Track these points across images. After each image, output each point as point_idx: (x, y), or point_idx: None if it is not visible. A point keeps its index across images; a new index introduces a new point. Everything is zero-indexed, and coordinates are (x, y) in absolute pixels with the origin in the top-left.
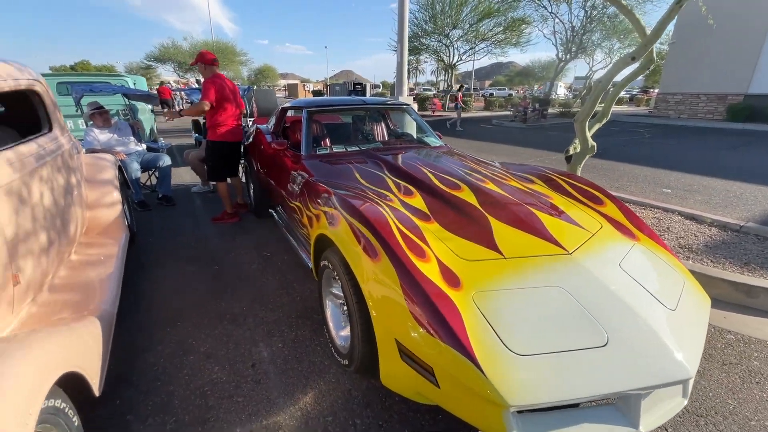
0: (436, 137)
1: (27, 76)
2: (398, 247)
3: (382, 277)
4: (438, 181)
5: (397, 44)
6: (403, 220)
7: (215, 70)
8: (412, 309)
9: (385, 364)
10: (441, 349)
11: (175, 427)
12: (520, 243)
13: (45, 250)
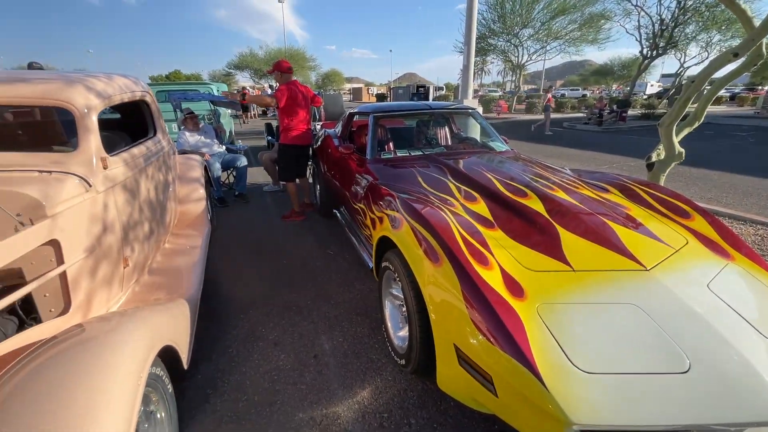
0: (502, 141)
1: (140, 88)
2: (460, 253)
3: (443, 281)
4: (503, 187)
5: (463, 46)
6: (466, 225)
7: (290, 78)
8: (472, 315)
9: (442, 368)
10: (500, 358)
11: (247, 405)
12: (590, 255)
13: (147, 238)
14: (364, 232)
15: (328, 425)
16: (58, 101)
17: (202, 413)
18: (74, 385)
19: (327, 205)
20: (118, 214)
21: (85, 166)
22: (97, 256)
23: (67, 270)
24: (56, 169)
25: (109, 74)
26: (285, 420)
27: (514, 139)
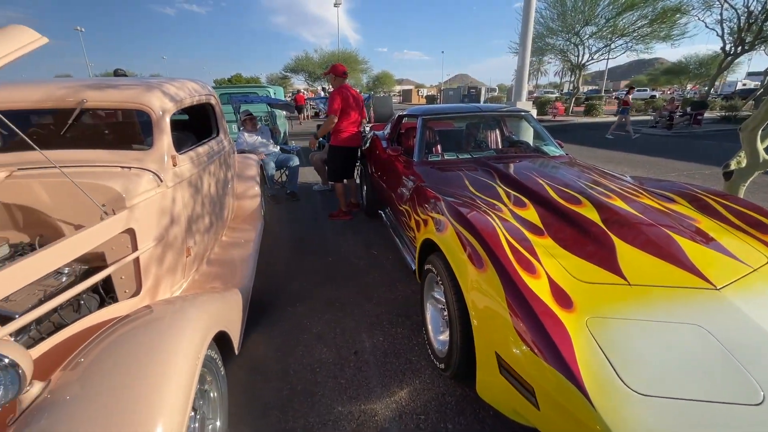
0: (556, 146)
1: (206, 92)
2: (506, 259)
3: (487, 287)
4: (555, 194)
5: (518, 46)
6: (513, 232)
7: (343, 82)
8: (516, 324)
9: (482, 375)
10: (544, 371)
11: (290, 394)
12: (650, 270)
13: (208, 231)
14: (408, 234)
15: (365, 421)
16: (139, 104)
17: (249, 398)
18: (145, 358)
19: (373, 206)
20: (183, 208)
21: (158, 163)
22: (165, 244)
23: (140, 256)
24: (135, 165)
25: (181, 80)
26: (325, 412)
27: (571, 143)
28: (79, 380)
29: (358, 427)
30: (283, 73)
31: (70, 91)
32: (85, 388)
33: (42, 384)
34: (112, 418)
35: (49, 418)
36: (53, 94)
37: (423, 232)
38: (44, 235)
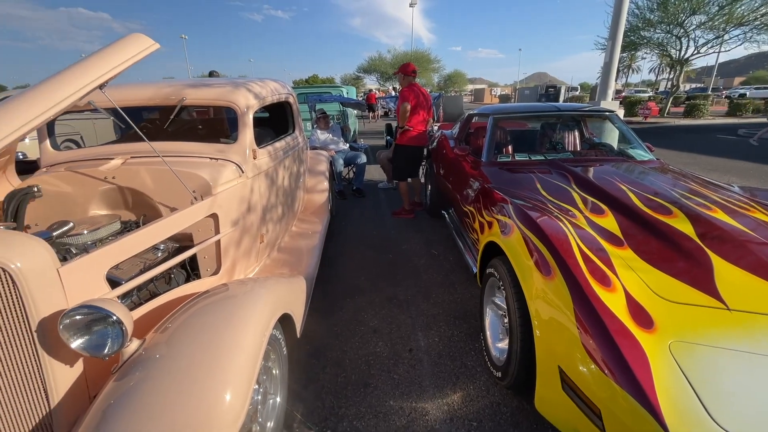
0: (645, 149)
1: (286, 91)
2: (577, 269)
3: (553, 297)
4: (640, 201)
5: (607, 41)
6: (588, 240)
7: (412, 81)
8: (585, 340)
9: (542, 389)
10: (615, 393)
11: (344, 381)
12: (757, 295)
13: (280, 220)
14: (471, 236)
15: (416, 419)
16: (227, 102)
17: (306, 380)
18: (220, 330)
19: (436, 206)
20: (260, 198)
21: (241, 155)
22: (242, 230)
23: (221, 239)
24: (220, 156)
25: (264, 80)
26: (376, 403)
27: (665, 149)
28: (167, 343)
29: (408, 424)
30: (356, 73)
31: (173, 91)
32: (171, 350)
33: (139, 342)
34: (192, 378)
35: (143, 371)
36: (160, 93)
37: (487, 234)
38: (147, 215)
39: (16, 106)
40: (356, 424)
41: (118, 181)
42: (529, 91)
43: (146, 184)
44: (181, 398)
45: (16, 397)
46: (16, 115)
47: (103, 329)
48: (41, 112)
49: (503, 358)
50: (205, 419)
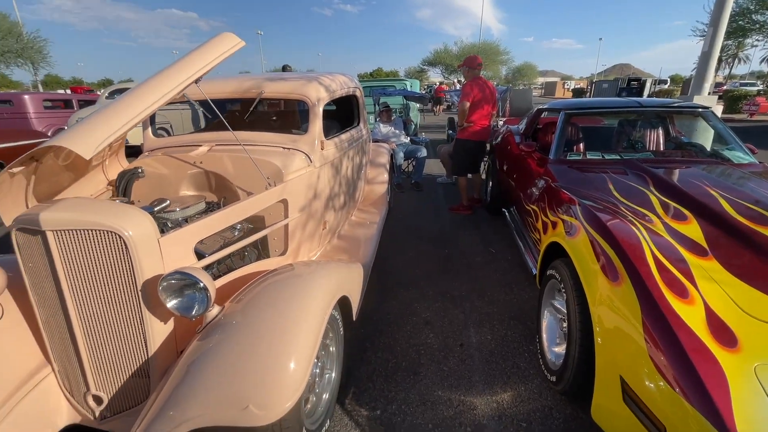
0: (746, 151)
1: (353, 85)
2: (649, 277)
3: (619, 305)
4: (731, 208)
5: (707, 27)
6: (665, 248)
7: (477, 74)
8: (654, 356)
9: (600, 399)
10: (686, 413)
11: (395, 367)
12: None
13: (341, 208)
14: (533, 236)
15: (464, 411)
16: (299, 95)
17: (359, 361)
18: (287, 305)
19: (496, 203)
20: (325, 186)
21: (310, 145)
22: (308, 216)
23: (289, 223)
24: (292, 146)
25: (334, 74)
26: (425, 392)
27: None
28: (243, 312)
29: (455, 415)
30: (420, 66)
31: (253, 84)
32: (246, 318)
33: (219, 308)
34: (264, 345)
35: (222, 334)
36: (241, 86)
37: (550, 234)
38: (226, 197)
39: (133, 99)
40: (404, 408)
41: (205, 166)
42: (607, 84)
43: (228, 169)
44: (253, 361)
45: (124, 344)
46: (134, 106)
47: (192, 294)
48: (151, 103)
49: (559, 363)
50: (272, 383)
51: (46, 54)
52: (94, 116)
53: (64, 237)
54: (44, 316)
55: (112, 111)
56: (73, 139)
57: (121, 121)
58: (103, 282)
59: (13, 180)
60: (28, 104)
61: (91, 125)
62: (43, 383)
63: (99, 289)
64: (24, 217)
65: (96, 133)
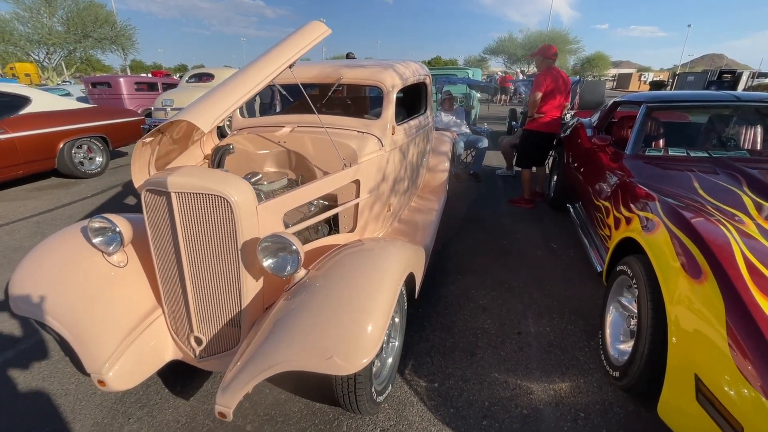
0: None
1: (424, 72)
2: (738, 280)
3: (700, 305)
4: None
5: None
6: (758, 250)
7: (551, 64)
8: (740, 363)
9: (669, 396)
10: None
11: (452, 346)
12: None
13: (404, 193)
14: (601, 232)
15: (520, 395)
16: (375, 81)
17: (418, 338)
18: (367, 272)
19: (561, 198)
20: (392, 170)
21: (382, 130)
22: (376, 197)
23: (359, 202)
24: (365, 130)
25: (407, 61)
26: (482, 372)
27: None
28: (324, 276)
29: (511, 397)
30: (482, 55)
31: (333, 70)
32: (328, 282)
33: (305, 271)
34: (346, 307)
35: (308, 294)
36: (323, 72)
37: (623, 230)
38: (303, 175)
39: (240, 81)
40: (461, 384)
41: (288, 146)
42: (694, 77)
43: (308, 149)
44: (337, 319)
45: (223, 295)
46: (241, 87)
47: (285, 256)
48: (255, 85)
49: (623, 360)
50: (353, 339)
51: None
52: (208, 96)
53: (183, 198)
54: (161, 265)
55: (224, 91)
56: (195, 115)
57: (231, 100)
58: (211, 239)
59: (142, 149)
60: (123, 86)
61: (208, 104)
62: (155, 323)
63: (207, 245)
64: (153, 180)
65: (212, 111)
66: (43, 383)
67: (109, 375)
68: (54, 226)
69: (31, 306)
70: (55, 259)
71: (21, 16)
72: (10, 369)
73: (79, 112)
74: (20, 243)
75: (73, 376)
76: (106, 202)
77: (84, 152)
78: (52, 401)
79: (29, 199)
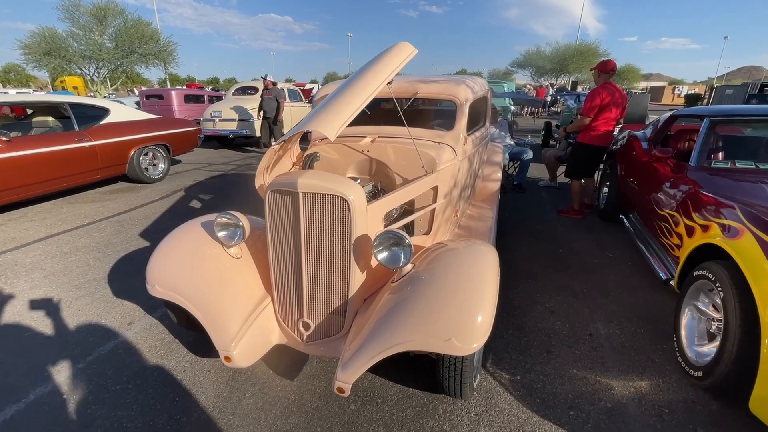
0: None
1: (487, 87)
2: None
3: None
4: None
5: None
6: None
7: (608, 79)
8: None
9: (763, 391)
10: None
11: (527, 344)
12: None
13: (466, 200)
14: (666, 241)
15: (601, 390)
16: (451, 96)
17: (492, 335)
18: (469, 266)
19: (612, 209)
20: (461, 177)
21: (455, 141)
22: (448, 202)
23: (435, 207)
24: (440, 140)
25: (474, 77)
26: (560, 368)
27: None
28: (428, 270)
29: (593, 391)
30: (508, 68)
31: (409, 85)
32: (435, 275)
33: (411, 265)
34: (457, 295)
35: (418, 284)
36: (400, 86)
37: (699, 237)
38: (382, 182)
39: (351, 96)
40: (543, 378)
41: (371, 154)
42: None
43: (390, 158)
44: (450, 307)
45: (333, 285)
46: (354, 102)
47: (397, 250)
48: (365, 99)
49: (704, 360)
50: (468, 325)
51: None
52: (327, 109)
53: (309, 198)
54: (277, 258)
55: (340, 104)
56: (321, 125)
57: (348, 112)
58: (329, 234)
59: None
60: (174, 98)
61: (329, 116)
62: (265, 310)
63: (325, 240)
64: (281, 182)
65: (334, 122)
66: (162, 361)
67: (235, 352)
68: (134, 225)
69: (167, 288)
70: (183, 250)
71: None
72: (129, 348)
73: (147, 122)
74: (109, 239)
75: (186, 355)
76: (173, 205)
77: (149, 159)
78: (174, 377)
79: (105, 201)
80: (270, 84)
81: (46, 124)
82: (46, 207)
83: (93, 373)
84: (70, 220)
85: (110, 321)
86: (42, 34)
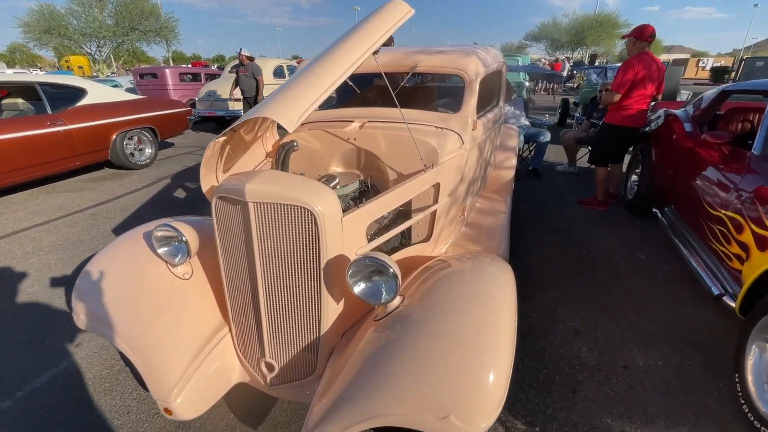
0: None
1: (501, 59)
2: None
3: None
4: None
5: None
6: None
7: (645, 48)
8: None
9: None
10: None
11: (547, 379)
12: None
13: (475, 194)
14: (722, 248)
15: None
16: (457, 69)
17: None
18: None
19: (643, 202)
20: (469, 170)
21: (462, 125)
22: (453, 201)
23: (437, 208)
24: (444, 126)
25: (486, 47)
26: (590, 416)
27: None
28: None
29: None
30: (522, 41)
31: (407, 57)
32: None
33: (399, 299)
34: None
35: (408, 328)
36: (396, 59)
37: None
38: (373, 175)
39: (321, 73)
40: (567, 431)
41: (358, 143)
42: (763, 62)
43: (380, 147)
44: (451, 367)
45: (300, 317)
46: (324, 80)
47: (380, 280)
48: (338, 77)
49: None
50: (474, 395)
51: (177, 33)
52: (288, 91)
53: (262, 208)
54: (230, 280)
55: (305, 84)
56: (277, 112)
57: (314, 95)
58: (291, 253)
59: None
60: (168, 77)
61: (290, 100)
62: (221, 343)
63: (286, 261)
64: (227, 187)
65: (295, 108)
66: (104, 397)
67: (177, 402)
68: (110, 219)
69: (97, 323)
70: (118, 270)
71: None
72: (70, 379)
73: (129, 103)
74: (79, 236)
75: (134, 390)
76: (156, 194)
77: (134, 143)
78: (113, 422)
79: (85, 190)
80: (246, 59)
81: (16, 107)
82: (20, 197)
83: (20, 415)
84: (42, 212)
85: (57, 340)
86: (41, 11)
